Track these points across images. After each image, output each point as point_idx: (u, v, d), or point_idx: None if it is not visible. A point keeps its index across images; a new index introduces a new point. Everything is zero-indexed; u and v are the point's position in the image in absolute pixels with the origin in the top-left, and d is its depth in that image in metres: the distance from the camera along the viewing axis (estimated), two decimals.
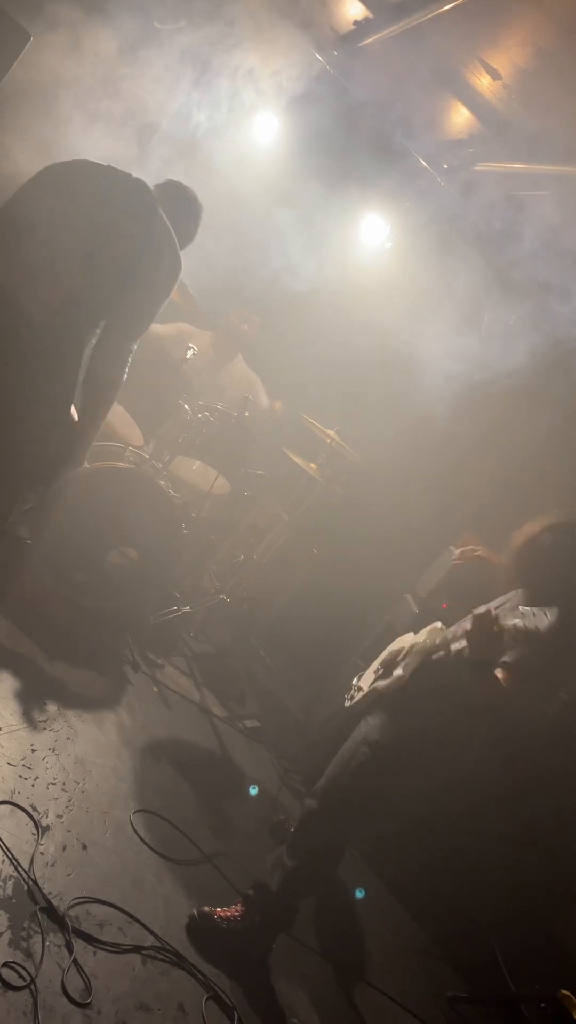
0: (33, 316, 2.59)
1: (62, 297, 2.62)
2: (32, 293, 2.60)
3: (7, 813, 2.55)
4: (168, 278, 2.84)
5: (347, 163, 5.27)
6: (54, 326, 2.62)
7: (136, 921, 2.55)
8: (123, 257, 2.70)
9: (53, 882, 2.45)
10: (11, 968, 2.10)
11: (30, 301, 2.59)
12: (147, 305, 2.79)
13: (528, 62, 3.70)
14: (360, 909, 3.69)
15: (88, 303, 2.68)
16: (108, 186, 2.80)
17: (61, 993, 2.15)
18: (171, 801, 3.26)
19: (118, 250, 2.69)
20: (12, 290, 2.60)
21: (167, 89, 4.92)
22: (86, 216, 2.69)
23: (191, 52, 4.83)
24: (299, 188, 5.61)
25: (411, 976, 3.57)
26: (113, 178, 2.83)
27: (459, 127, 4.80)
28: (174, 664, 4.42)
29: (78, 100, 4.51)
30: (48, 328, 2.61)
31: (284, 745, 4.55)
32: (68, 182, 2.77)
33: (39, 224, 2.65)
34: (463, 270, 5.21)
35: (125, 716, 3.58)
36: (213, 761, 3.93)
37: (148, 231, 2.76)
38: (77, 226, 2.67)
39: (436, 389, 5.15)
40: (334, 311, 5.88)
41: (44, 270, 2.62)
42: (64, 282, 2.62)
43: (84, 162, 2.86)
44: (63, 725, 3.16)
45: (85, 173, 2.83)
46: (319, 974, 3.07)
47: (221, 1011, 2.52)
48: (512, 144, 4.33)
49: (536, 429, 5.10)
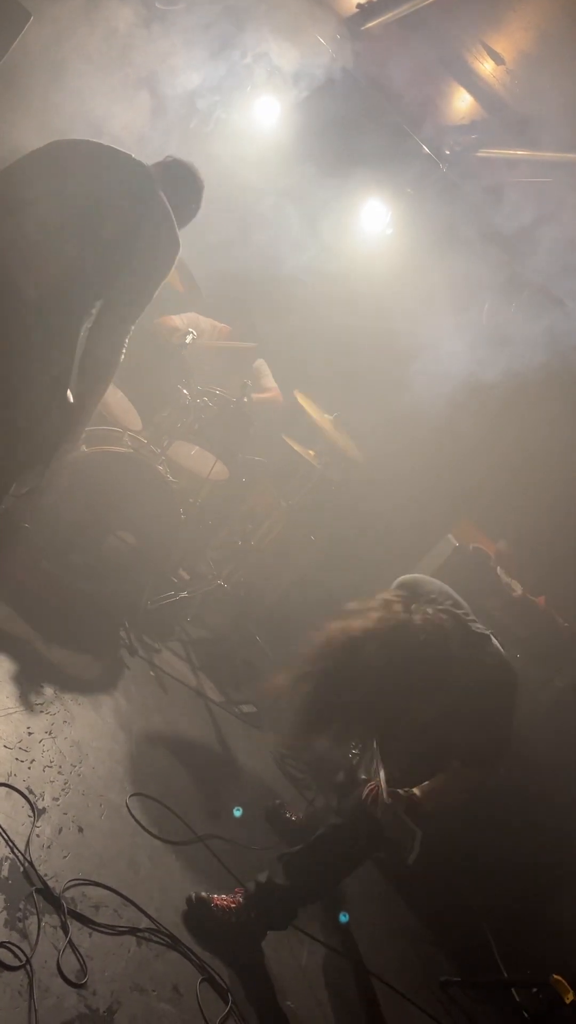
0: (27, 294, 2.57)
1: (55, 275, 2.60)
2: (25, 271, 2.58)
3: (3, 795, 2.55)
4: (165, 258, 2.82)
5: (348, 148, 5.24)
6: (47, 304, 2.61)
7: (131, 903, 2.56)
8: (117, 236, 2.68)
9: (49, 864, 2.45)
10: (6, 948, 2.10)
11: (23, 279, 2.57)
12: (143, 285, 2.77)
13: (532, 46, 3.68)
14: (353, 895, 3.71)
15: (82, 281, 2.66)
16: (104, 165, 2.78)
17: (56, 973, 2.16)
18: (167, 785, 3.27)
19: (112, 228, 2.67)
20: (7, 269, 2.58)
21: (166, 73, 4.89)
22: (81, 195, 2.68)
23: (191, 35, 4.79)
24: (300, 173, 5.57)
25: (403, 961, 3.60)
26: (111, 158, 2.81)
27: (461, 113, 4.78)
28: (171, 649, 4.43)
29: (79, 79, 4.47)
30: (41, 306, 2.60)
31: (280, 730, 4.55)
32: (64, 160, 2.75)
33: (33, 202, 2.63)
34: (464, 257, 5.18)
35: (122, 700, 3.59)
36: (209, 746, 3.94)
37: (143, 210, 2.75)
38: (71, 204, 2.65)
39: (436, 376, 5.14)
40: (334, 298, 5.86)
41: (37, 248, 2.60)
42: (57, 260, 2.61)
43: (82, 141, 2.84)
44: (60, 708, 3.17)
45: (82, 152, 2.81)
46: (313, 959, 3.09)
47: (216, 993, 2.53)
48: (515, 130, 4.30)
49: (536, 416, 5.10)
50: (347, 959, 3.25)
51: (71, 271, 2.62)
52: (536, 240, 4.42)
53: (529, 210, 4.50)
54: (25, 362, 2.62)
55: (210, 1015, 2.43)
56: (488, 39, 3.91)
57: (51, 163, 2.75)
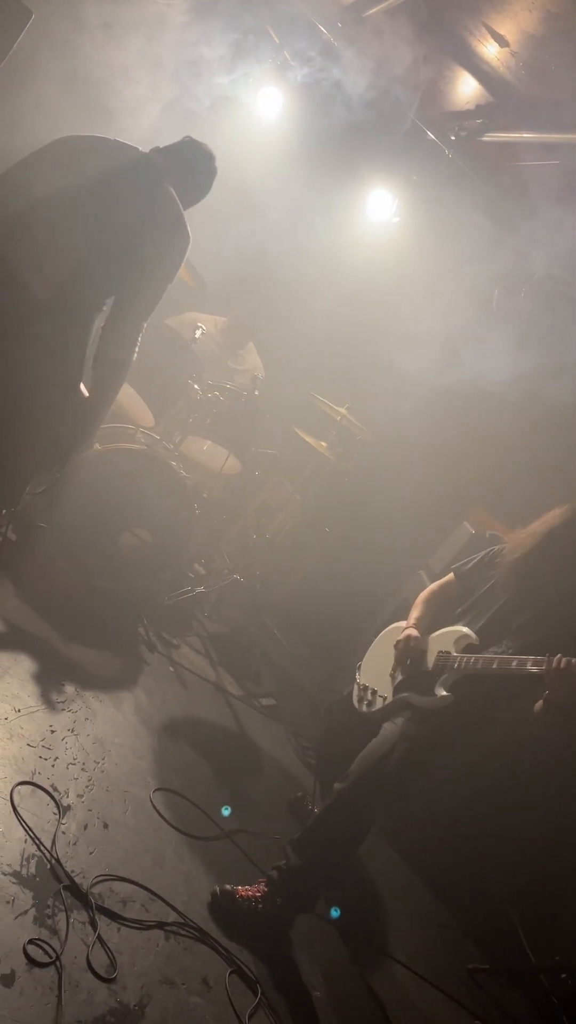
0: (38, 295, 2.56)
1: (65, 275, 2.59)
2: (36, 272, 2.57)
3: (28, 793, 2.56)
4: (175, 254, 2.80)
5: (351, 137, 5.20)
6: (59, 304, 2.60)
7: (158, 898, 2.57)
8: (126, 232, 2.66)
9: (75, 860, 2.46)
10: (36, 945, 2.11)
11: (34, 280, 2.56)
12: (154, 281, 2.75)
13: (537, 27, 3.63)
14: (379, 884, 3.72)
15: (92, 280, 2.65)
16: (112, 161, 2.75)
17: (87, 969, 2.17)
18: (190, 779, 3.28)
19: (120, 225, 2.66)
20: (17, 269, 2.57)
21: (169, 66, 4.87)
22: (88, 192, 2.66)
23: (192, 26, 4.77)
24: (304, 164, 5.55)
25: (431, 949, 3.60)
26: (118, 152, 2.79)
27: (466, 97, 4.73)
28: (189, 644, 4.44)
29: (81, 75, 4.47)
30: (53, 307, 2.59)
31: (300, 723, 4.56)
32: (71, 156, 2.73)
33: (42, 201, 2.62)
34: (472, 244, 5.15)
35: (142, 696, 3.59)
36: (230, 739, 3.94)
37: (152, 206, 2.73)
38: (79, 203, 2.63)
39: (446, 364, 5.11)
40: (341, 288, 5.84)
41: (47, 248, 2.59)
42: (67, 260, 2.59)
43: (87, 138, 2.82)
44: (81, 706, 3.18)
45: (87, 148, 2.78)
46: (340, 948, 3.09)
47: (245, 985, 2.54)
48: (522, 113, 4.27)
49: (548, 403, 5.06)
50: (373, 948, 3.25)
51: (81, 270, 2.61)
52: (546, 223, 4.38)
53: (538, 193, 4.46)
54: (38, 362, 2.61)
55: (240, 1007, 2.43)
56: (491, 21, 3.87)
57: (57, 162, 2.73)
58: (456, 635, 3.04)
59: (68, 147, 2.76)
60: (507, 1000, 3.56)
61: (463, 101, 4.78)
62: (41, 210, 2.62)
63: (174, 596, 4.50)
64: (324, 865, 2.88)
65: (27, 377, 2.61)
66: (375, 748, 2.93)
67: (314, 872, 2.85)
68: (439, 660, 3.01)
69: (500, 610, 3.00)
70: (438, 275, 5.38)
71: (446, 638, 3.07)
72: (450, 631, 3.08)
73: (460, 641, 3.01)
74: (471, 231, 5.14)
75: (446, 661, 2.98)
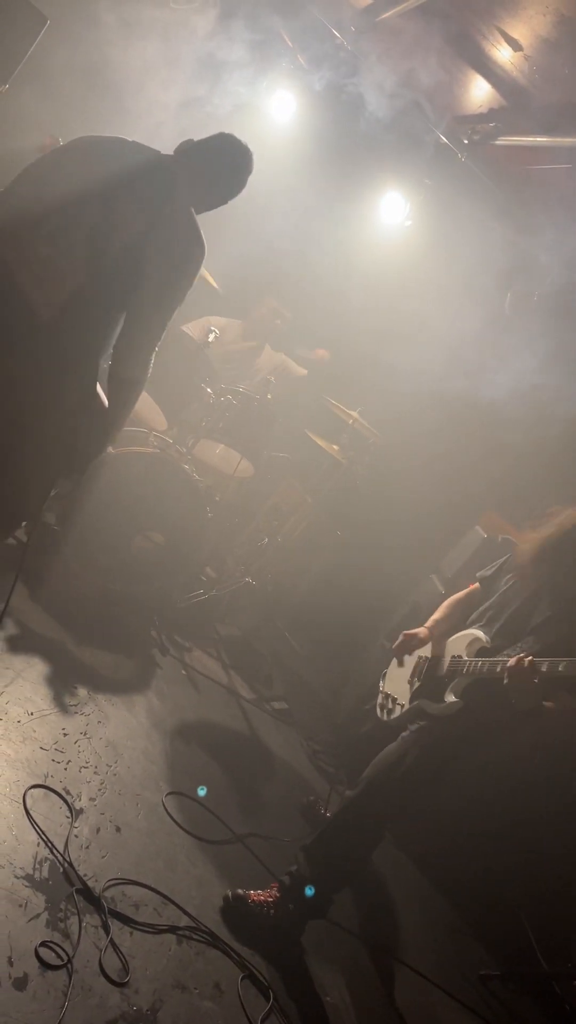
0: (40, 314, 2.49)
1: (67, 295, 2.50)
2: (39, 291, 2.49)
3: (41, 797, 2.57)
4: (186, 265, 2.66)
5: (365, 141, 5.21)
6: (61, 324, 2.52)
7: (171, 902, 2.57)
8: (128, 253, 2.55)
9: (88, 864, 2.47)
10: (48, 948, 2.12)
11: (37, 299, 2.49)
12: (164, 300, 2.63)
13: (550, 31, 3.63)
14: (390, 888, 3.71)
15: (96, 299, 2.56)
16: (121, 170, 2.63)
17: (99, 973, 2.17)
18: (202, 783, 3.28)
19: (122, 241, 2.55)
20: (21, 287, 2.49)
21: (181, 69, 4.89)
22: (93, 209, 2.55)
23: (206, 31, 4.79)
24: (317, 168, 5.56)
25: (442, 954, 3.59)
26: (131, 157, 2.67)
27: (479, 101, 4.73)
28: (201, 647, 4.44)
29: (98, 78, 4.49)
30: (55, 327, 2.51)
31: (312, 726, 4.56)
32: (83, 161, 2.62)
33: (46, 216, 2.52)
34: (485, 247, 5.14)
35: (155, 699, 3.60)
36: (242, 743, 3.95)
37: (156, 223, 2.59)
38: (82, 220, 2.53)
39: (459, 367, 5.10)
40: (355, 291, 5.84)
41: (49, 267, 2.50)
42: (68, 279, 2.50)
43: (102, 140, 2.71)
44: (94, 709, 3.19)
45: (100, 153, 2.66)
46: (351, 953, 3.09)
47: (257, 990, 2.54)
48: (535, 116, 4.26)
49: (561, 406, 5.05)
50: (386, 953, 3.24)
51: (84, 289, 2.52)
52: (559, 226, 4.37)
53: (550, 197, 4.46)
54: (52, 378, 2.56)
55: (252, 1012, 2.43)
56: (505, 25, 3.87)
57: (67, 168, 2.61)
58: (469, 639, 3.03)
59: (80, 151, 2.65)
60: (519, 1006, 3.55)
61: (476, 105, 4.78)
62: (44, 226, 2.51)
63: (186, 599, 4.50)
64: (336, 871, 2.88)
65: (42, 391, 2.56)
66: (387, 754, 2.94)
67: (326, 878, 2.85)
68: (452, 665, 3.01)
69: (517, 611, 2.98)
70: (450, 279, 5.38)
71: (460, 642, 3.06)
72: (464, 635, 3.07)
73: (472, 645, 3.00)
74: (484, 234, 5.13)
75: (457, 666, 2.98)
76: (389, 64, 4.75)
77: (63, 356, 2.57)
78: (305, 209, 5.42)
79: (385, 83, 4.86)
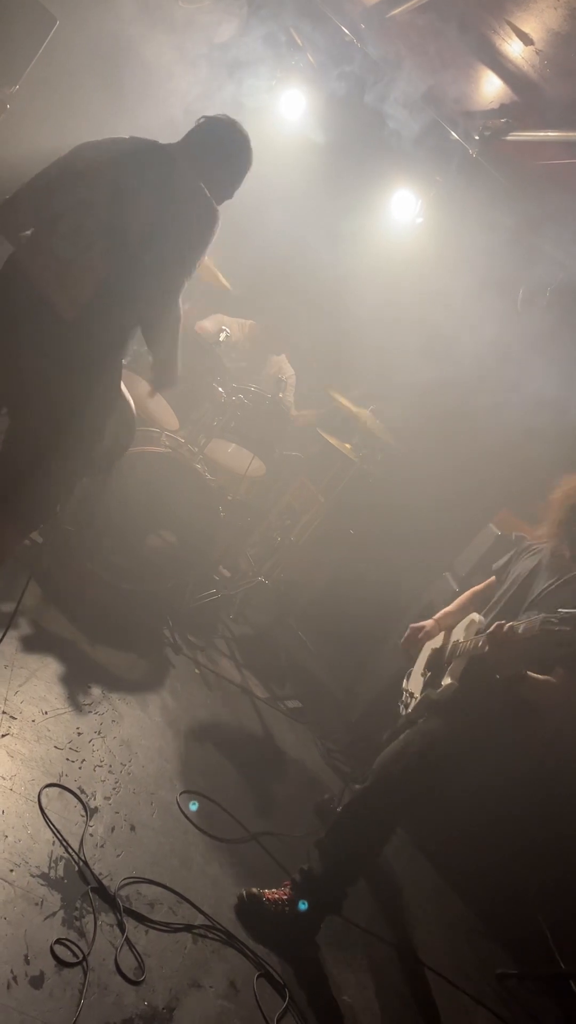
0: (64, 314, 2.55)
1: (90, 292, 2.56)
2: (62, 293, 2.55)
3: (56, 796, 2.58)
4: (198, 239, 2.74)
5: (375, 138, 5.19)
6: (86, 322, 2.57)
7: (186, 901, 2.57)
8: (145, 231, 2.61)
9: (103, 863, 2.47)
10: (64, 946, 2.12)
11: (59, 299, 2.54)
12: (184, 270, 2.72)
13: (562, 25, 3.60)
14: (406, 887, 3.70)
15: (117, 292, 2.61)
16: (123, 165, 2.67)
17: (115, 971, 2.17)
18: (216, 782, 3.28)
19: (139, 226, 2.60)
20: (45, 291, 2.55)
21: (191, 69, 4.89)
22: (103, 205, 2.60)
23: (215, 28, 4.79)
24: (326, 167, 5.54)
25: (459, 953, 3.57)
26: (131, 152, 2.71)
27: (490, 96, 4.70)
28: (215, 646, 4.44)
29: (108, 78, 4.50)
30: (80, 325, 2.56)
31: (326, 725, 4.55)
32: (88, 164, 2.66)
33: (60, 217, 2.58)
34: (496, 244, 5.11)
35: (168, 698, 3.60)
36: (256, 742, 3.94)
37: (165, 198, 2.65)
38: (94, 212, 2.59)
39: (470, 364, 5.08)
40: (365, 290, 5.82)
41: (71, 268, 2.56)
42: (90, 276, 2.56)
43: (101, 142, 2.75)
44: (108, 708, 3.19)
45: (102, 153, 2.70)
46: (367, 951, 3.08)
47: (272, 989, 2.53)
48: (546, 111, 4.23)
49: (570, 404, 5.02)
50: (402, 952, 3.23)
51: (105, 285, 2.57)
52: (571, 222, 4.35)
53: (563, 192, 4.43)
54: (77, 377, 2.61)
55: (268, 1011, 2.43)
56: (516, 19, 3.84)
57: (75, 172, 2.67)
58: (467, 623, 3.04)
59: (84, 155, 2.71)
60: (536, 1006, 3.53)
61: (487, 100, 4.74)
62: (61, 225, 2.59)
63: (199, 598, 4.50)
64: (348, 866, 2.87)
65: (67, 391, 2.60)
66: (394, 746, 2.93)
67: (338, 874, 2.84)
68: (451, 650, 3.02)
69: (519, 589, 2.98)
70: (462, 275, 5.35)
71: (460, 628, 3.07)
72: (464, 621, 3.08)
73: (470, 627, 3.01)
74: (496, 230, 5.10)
75: (455, 649, 2.98)
76: (399, 61, 4.73)
77: (90, 354, 2.63)
78: (315, 207, 5.40)
79: (395, 80, 4.84)
